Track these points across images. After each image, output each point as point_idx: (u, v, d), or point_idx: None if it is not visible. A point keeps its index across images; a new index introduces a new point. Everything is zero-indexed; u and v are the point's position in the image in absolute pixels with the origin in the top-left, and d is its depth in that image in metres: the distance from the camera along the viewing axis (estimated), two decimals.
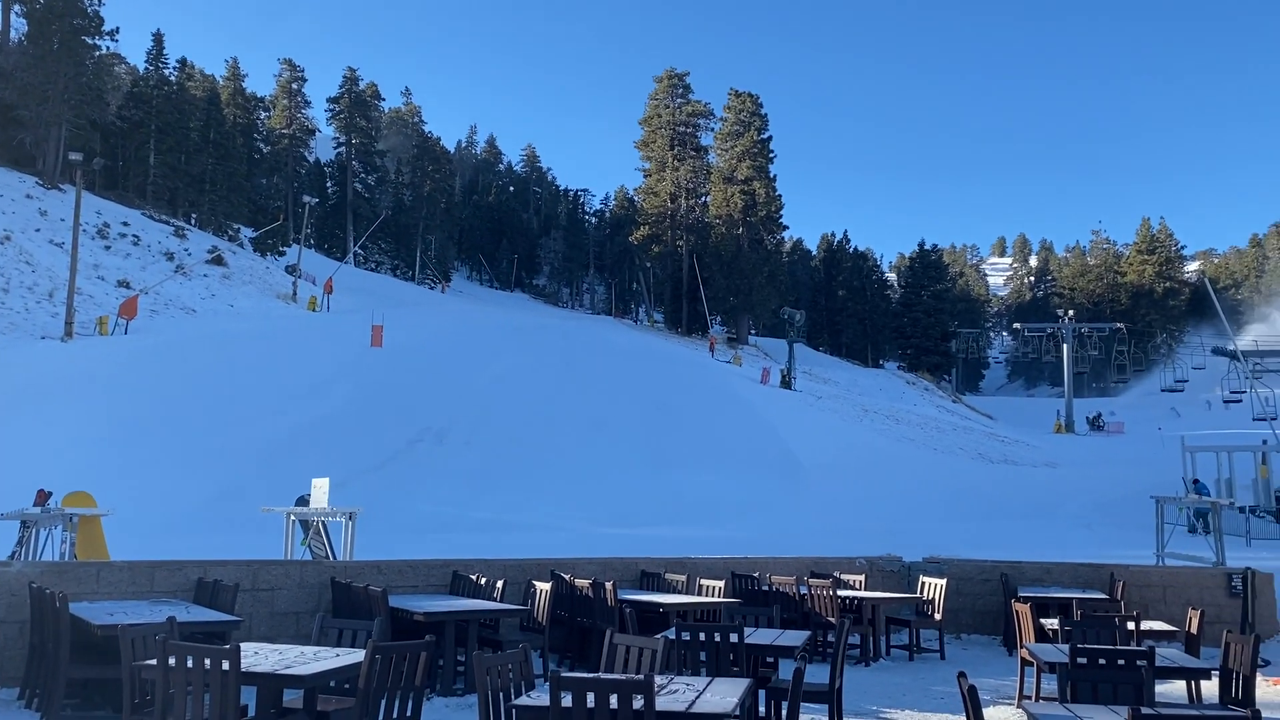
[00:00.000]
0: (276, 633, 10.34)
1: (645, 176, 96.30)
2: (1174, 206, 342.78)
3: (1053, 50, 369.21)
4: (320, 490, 13.37)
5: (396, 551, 14.54)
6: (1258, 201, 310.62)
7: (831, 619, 11.67)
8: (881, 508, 33.11)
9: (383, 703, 6.17)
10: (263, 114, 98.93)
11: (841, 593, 12.41)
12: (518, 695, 5.67)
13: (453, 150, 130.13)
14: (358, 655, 6.48)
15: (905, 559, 14.87)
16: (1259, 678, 10.99)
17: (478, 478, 31.22)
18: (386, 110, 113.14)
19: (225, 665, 5.70)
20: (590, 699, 4.98)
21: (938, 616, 12.77)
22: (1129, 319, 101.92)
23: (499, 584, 10.90)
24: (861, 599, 12.38)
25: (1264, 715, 6.07)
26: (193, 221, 72.17)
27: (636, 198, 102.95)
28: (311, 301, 58.22)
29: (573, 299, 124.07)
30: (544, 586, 10.86)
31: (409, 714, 6.29)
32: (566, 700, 5.02)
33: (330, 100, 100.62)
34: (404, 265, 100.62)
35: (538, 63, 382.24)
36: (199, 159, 74.47)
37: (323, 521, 14.65)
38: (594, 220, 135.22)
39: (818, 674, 8.56)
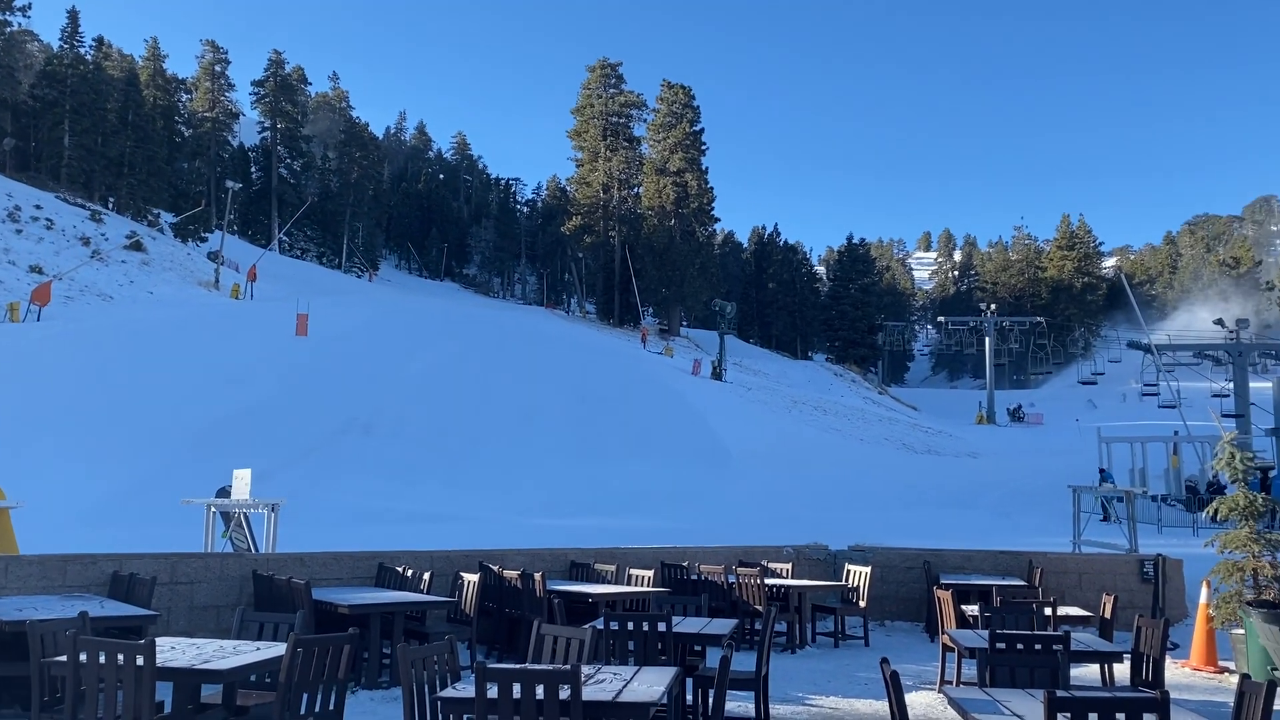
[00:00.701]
0: (196, 627, 10.09)
1: (578, 166, 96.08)
2: (1093, 204, 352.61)
3: (978, 49, 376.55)
4: (242, 481, 13.08)
5: (321, 544, 14.26)
6: (1172, 200, 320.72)
7: (759, 607, 11.77)
8: (809, 497, 33.54)
9: (304, 696, 6.06)
10: (184, 96, 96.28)
11: (769, 581, 12.52)
12: (443, 687, 5.61)
13: (381, 137, 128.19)
14: (279, 649, 6.36)
15: (831, 547, 15.08)
16: (1168, 660, 11.40)
17: (405, 469, 30.86)
18: (313, 95, 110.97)
19: (139, 660, 5.53)
20: (516, 690, 4.94)
21: (862, 604, 12.97)
22: (1049, 313, 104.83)
23: (426, 576, 10.79)
24: (788, 587, 12.51)
25: (1172, 696, 6.29)
26: (110, 206, 70.02)
27: (569, 188, 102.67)
28: (235, 289, 56.94)
29: (504, 289, 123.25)
30: (472, 578, 10.77)
31: (331, 707, 6.19)
32: (493, 691, 4.98)
33: (255, 84, 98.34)
34: (330, 253, 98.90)
35: (469, 49, 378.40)
36: (116, 141, 72.22)
37: (244, 513, 14.34)
38: (526, 210, 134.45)
39: (745, 661, 8.65)
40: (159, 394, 32.15)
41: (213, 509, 13.87)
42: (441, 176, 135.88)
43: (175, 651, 6.35)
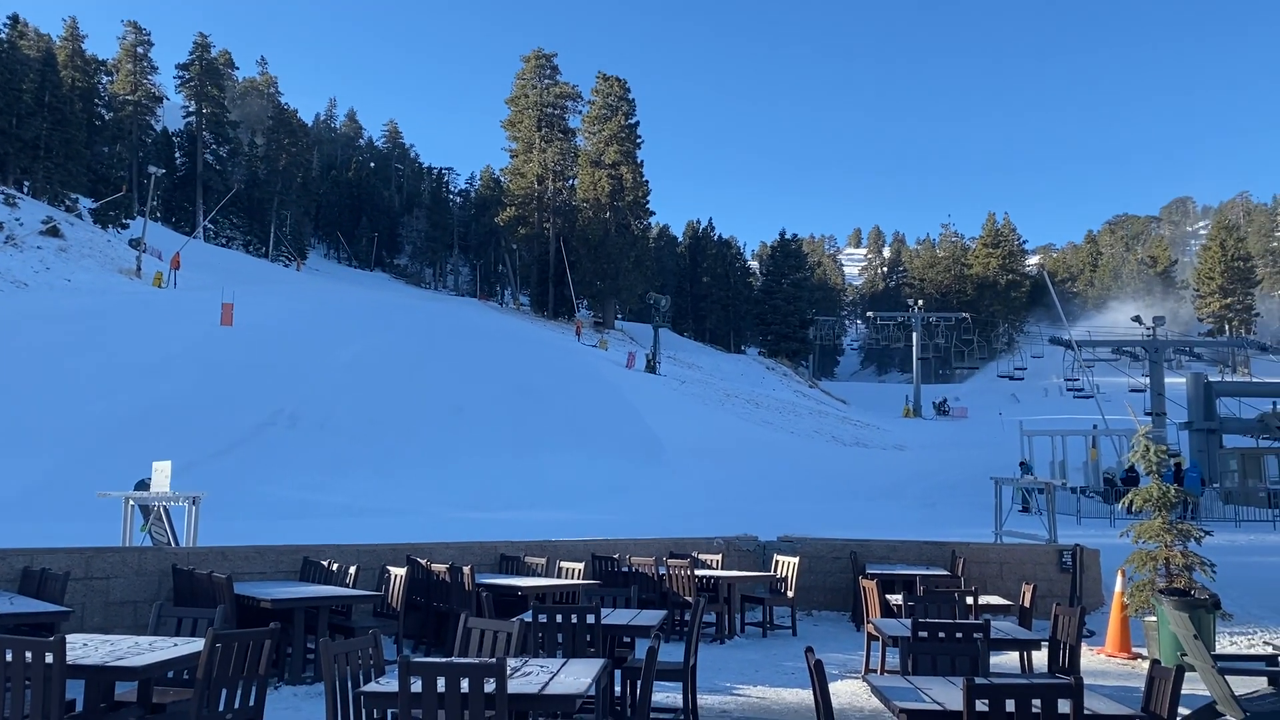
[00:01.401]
0: (112, 623, 9.82)
1: (512, 157, 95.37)
2: (1018, 203, 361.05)
3: (906, 51, 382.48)
4: (161, 474, 12.75)
5: (246, 538, 13.98)
6: (1094, 200, 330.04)
7: (688, 598, 11.83)
8: (741, 489, 33.82)
9: (223, 693, 5.93)
10: (105, 78, 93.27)
11: (699, 572, 12.59)
12: (367, 682, 5.53)
13: (311, 124, 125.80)
14: (197, 644, 6.21)
15: (761, 538, 15.21)
16: (1085, 647, 11.73)
17: (333, 462, 30.38)
18: (240, 80, 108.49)
19: (48, 658, 5.35)
20: (441, 683, 4.89)
21: (790, 594, 13.11)
22: (974, 309, 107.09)
23: (352, 570, 10.64)
24: (718, 578, 12.59)
25: (1086, 682, 6.46)
26: (25, 190, 67.61)
27: (503, 178, 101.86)
28: (157, 277, 55.43)
29: (436, 280, 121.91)
30: (399, 572, 10.65)
31: (251, 704, 6.06)
32: (417, 686, 4.92)
33: (179, 67, 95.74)
34: (257, 241, 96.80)
35: (402, 37, 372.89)
36: (32, 123, 69.70)
37: (164, 507, 13.97)
38: (459, 200, 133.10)
39: (674, 653, 8.66)
40: (75, 385, 31.20)
41: (131, 502, 13.50)
42: (372, 165, 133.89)
43: (88, 648, 6.16)
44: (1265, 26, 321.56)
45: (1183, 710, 8.05)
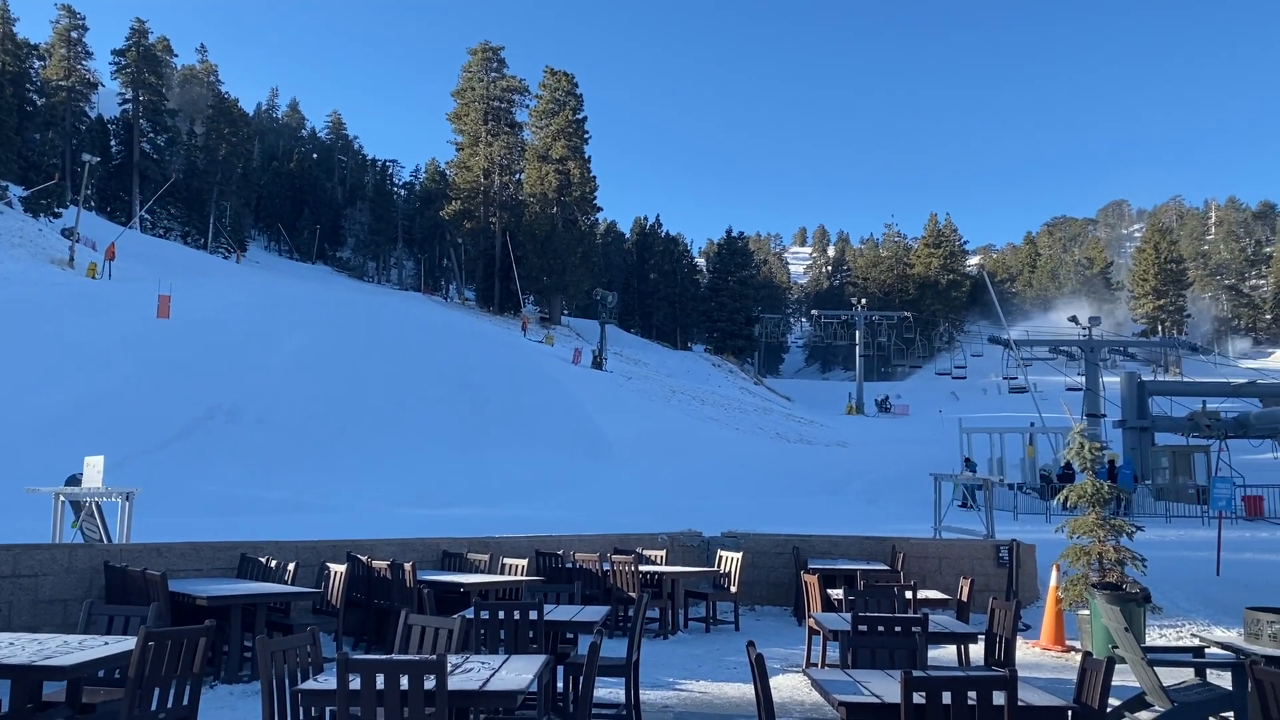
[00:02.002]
0: (40, 622, 9.56)
1: (458, 150, 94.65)
2: (959, 204, 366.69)
3: (851, 53, 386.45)
4: (94, 469, 12.43)
5: (182, 534, 13.71)
6: (1033, 202, 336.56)
7: (632, 594, 11.84)
8: (686, 485, 33.93)
9: (156, 692, 5.80)
10: (37, 63, 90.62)
11: (643, 568, 12.61)
12: (305, 680, 5.45)
13: (252, 113, 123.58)
14: (129, 643, 6.06)
15: (705, 534, 15.28)
16: (1020, 640, 11.96)
17: (273, 457, 29.90)
18: (179, 67, 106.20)
19: None
20: (380, 680, 4.84)
21: (733, 589, 13.19)
22: (916, 308, 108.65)
23: (290, 566, 10.48)
24: (662, 574, 12.62)
25: (1021, 674, 6.58)
26: None
27: (448, 171, 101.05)
28: (91, 268, 54.00)
29: (379, 273, 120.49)
30: (339, 568, 10.52)
31: (185, 703, 5.94)
32: (356, 683, 4.86)
33: (116, 53, 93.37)
34: (196, 232, 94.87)
35: (346, 26, 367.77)
36: None
37: (96, 502, 13.64)
38: (403, 193, 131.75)
39: (617, 648, 8.68)
40: (4, 378, 30.32)
41: (61, 498, 13.15)
42: (315, 156, 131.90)
43: (14, 648, 5.99)
44: (1198, 38, 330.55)
45: (1113, 701, 8.24)
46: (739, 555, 13.44)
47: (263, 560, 10.85)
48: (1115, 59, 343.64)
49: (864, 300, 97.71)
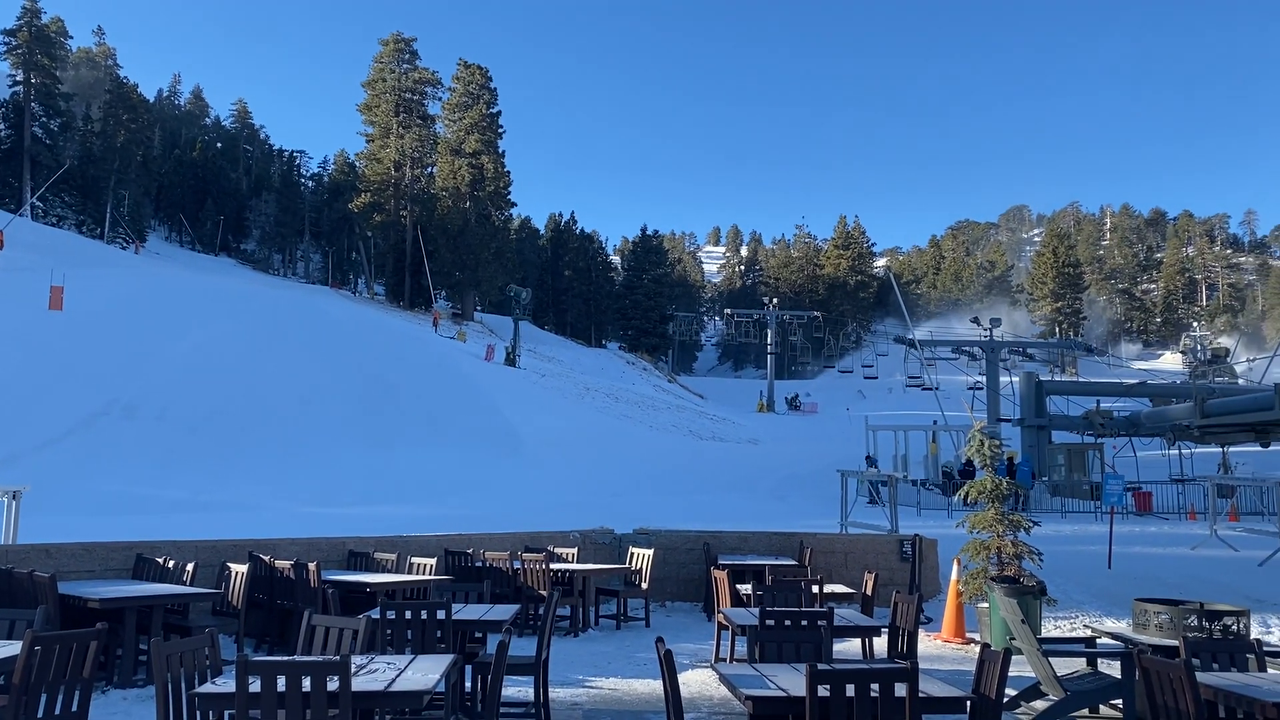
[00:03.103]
0: None
1: (368, 142, 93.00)
2: (867, 207, 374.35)
3: (764, 53, 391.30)
4: None
5: (74, 534, 13.18)
6: (938, 205, 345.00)
7: (543, 592, 11.79)
8: (600, 483, 33.93)
9: (43, 698, 5.57)
10: None
11: (554, 566, 12.57)
12: (203, 683, 5.29)
13: (152, 99, 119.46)
14: (14, 647, 5.81)
15: (617, 531, 15.29)
16: (922, 633, 12.26)
17: (172, 455, 28.98)
18: (74, 49, 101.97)
19: None
20: (281, 682, 4.72)
21: (644, 586, 13.24)
22: (825, 308, 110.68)
23: (189, 567, 10.18)
24: (573, 571, 12.60)
25: (922, 666, 6.74)
26: None
27: (358, 163, 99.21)
28: None
29: (285, 266, 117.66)
30: (240, 568, 10.25)
31: (74, 709, 5.72)
32: (255, 685, 4.74)
33: (5, 33, 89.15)
34: (92, 222, 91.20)
35: (251, 12, 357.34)
36: None
37: None
38: (311, 184, 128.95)
39: (527, 647, 8.63)
40: None
41: None
42: (219, 145, 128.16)
43: None
44: (1096, 46, 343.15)
45: (1010, 691, 8.52)
46: (650, 552, 13.49)
47: (160, 561, 10.52)
48: (1016, 65, 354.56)
49: (775, 300, 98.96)
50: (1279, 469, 36.20)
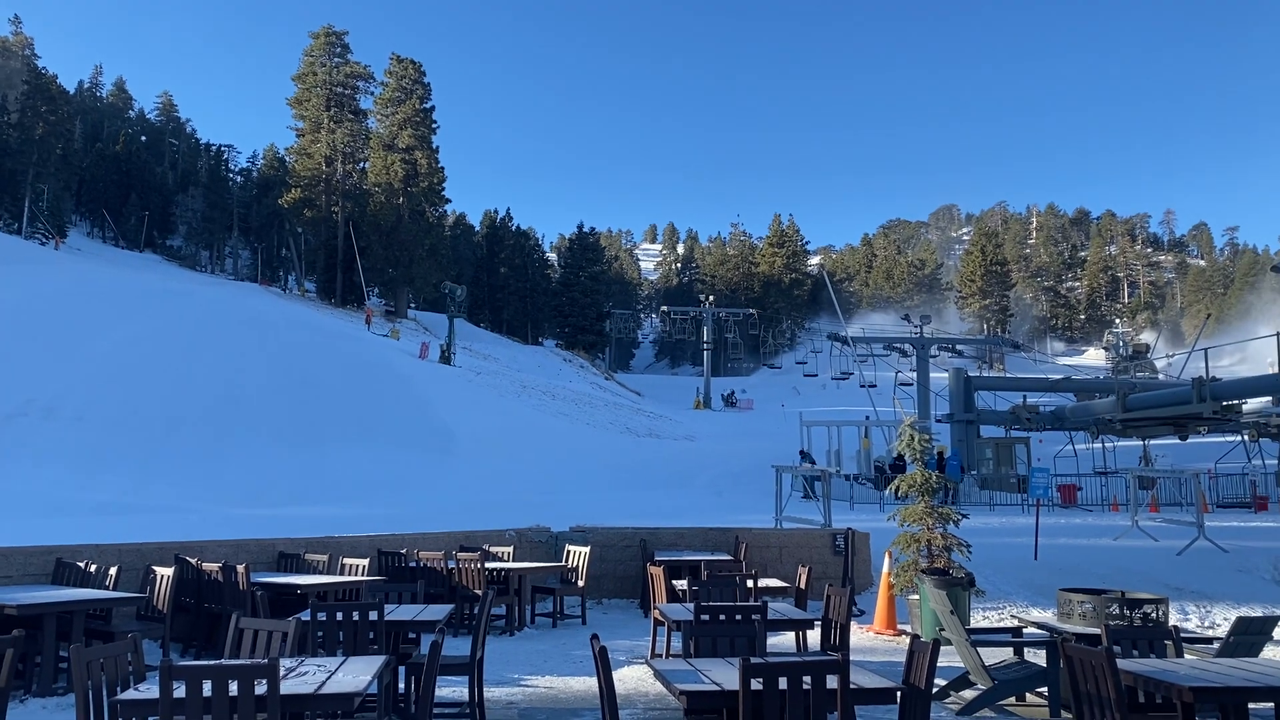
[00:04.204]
0: None
1: (298, 136, 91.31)
2: (802, 205, 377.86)
3: (700, 53, 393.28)
4: None
5: None
6: (870, 204, 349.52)
7: (478, 591, 11.70)
8: (536, 481, 33.79)
9: None
10: None
11: (490, 565, 12.49)
12: (126, 690, 5.15)
13: (73, 91, 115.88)
14: None
15: (554, 529, 15.25)
16: (855, 625, 12.44)
17: (94, 456, 28.18)
18: None
19: None
20: (207, 687, 4.61)
21: (581, 583, 13.22)
22: (760, 306, 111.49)
23: (112, 571, 9.91)
24: (509, 570, 12.53)
25: (854, 658, 6.83)
26: None
27: (288, 158, 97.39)
28: None
29: (213, 263, 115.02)
30: (165, 571, 10.00)
31: None
32: (180, 691, 4.63)
33: None
34: (9, 216, 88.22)
35: (175, 2, 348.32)
36: None
37: None
38: (239, 179, 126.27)
39: (463, 646, 8.56)
40: None
41: None
42: (144, 139, 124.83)
43: None
44: (1022, 55, 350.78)
45: (940, 681, 8.68)
46: (587, 550, 13.48)
47: (81, 565, 10.23)
48: (946, 72, 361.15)
49: (711, 297, 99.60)
50: (1197, 461, 37.41)
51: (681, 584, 11.01)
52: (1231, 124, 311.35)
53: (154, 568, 10.27)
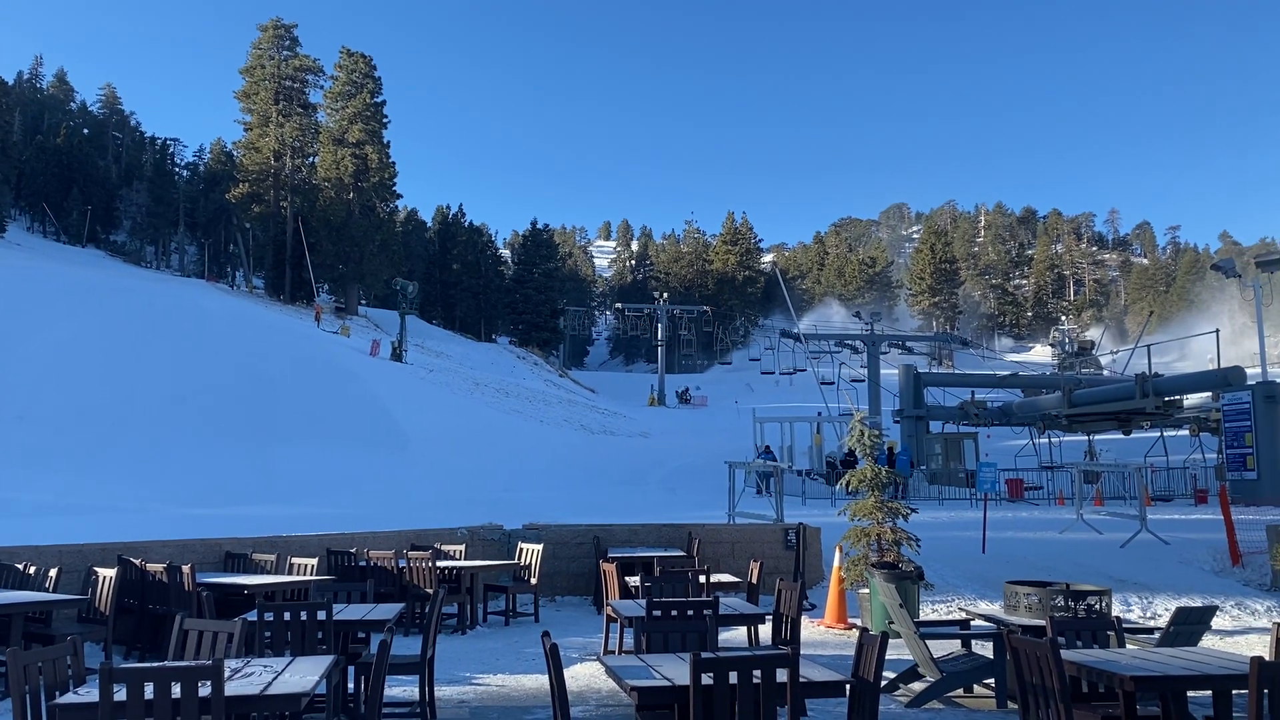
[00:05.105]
0: None
1: (246, 130, 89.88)
2: (755, 203, 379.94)
3: (654, 51, 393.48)
4: None
5: None
6: (822, 202, 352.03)
7: (429, 590, 11.62)
8: (490, 479, 33.65)
9: None
10: None
11: (441, 563, 12.40)
12: (65, 693, 5.04)
13: (12, 82, 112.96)
14: None
15: (506, 527, 15.18)
16: (806, 619, 12.53)
17: (35, 456, 27.54)
18: None
19: None
20: (149, 690, 4.52)
21: (534, 581, 13.18)
22: (714, 303, 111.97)
23: (52, 573, 9.70)
24: (460, 568, 12.45)
25: (805, 652, 6.89)
26: None
27: (236, 152, 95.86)
28: None
29: (159, 259, 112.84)
30: (108, 573, 9.80)
31: None
32: (121, 694, 4.53)
33: None
34: None
35: None
36: None
37: None
38: (186, 174, 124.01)
39: (413, 646, 8.49)
40: None
41: None
42: (86, 131, 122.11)
43: None
44: (969, 57, 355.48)
45: (889, 673, 8.78)
46: (539, 547, 13.44)
47: (19, 567, 10.00)
48: (896, 72, 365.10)
49: (665, 294, 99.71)
50: (1140, 455, 38.21)
51: (634, 580, 11.01)
52: (1175, 125, 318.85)
53: (96, 569, 10.07)
